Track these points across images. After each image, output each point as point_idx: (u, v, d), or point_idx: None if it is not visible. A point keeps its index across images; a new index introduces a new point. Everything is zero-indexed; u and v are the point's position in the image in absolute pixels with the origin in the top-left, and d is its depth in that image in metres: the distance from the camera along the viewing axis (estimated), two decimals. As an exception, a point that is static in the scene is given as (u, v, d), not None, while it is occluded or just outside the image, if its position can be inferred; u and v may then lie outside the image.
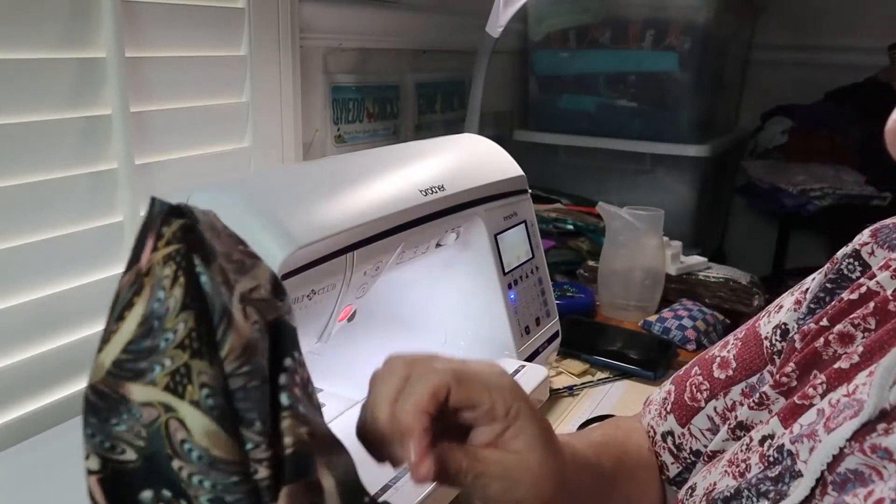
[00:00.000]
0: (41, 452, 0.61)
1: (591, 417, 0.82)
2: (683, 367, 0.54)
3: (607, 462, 0.49)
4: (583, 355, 0.97)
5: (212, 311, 0.23)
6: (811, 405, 0.37)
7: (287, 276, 0.53)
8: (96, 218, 0.73)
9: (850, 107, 1.77)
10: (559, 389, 0.88)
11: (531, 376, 0.77)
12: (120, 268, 0.27)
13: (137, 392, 0.24)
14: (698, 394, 0.50)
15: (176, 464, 0.23)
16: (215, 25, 0.84)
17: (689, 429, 0.50)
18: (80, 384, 0.73)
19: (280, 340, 0.26)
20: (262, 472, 0.24)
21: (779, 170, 1.77)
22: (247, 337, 0.24)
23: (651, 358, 0.95)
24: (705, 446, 0.49)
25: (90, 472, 0.25)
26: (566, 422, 0.82)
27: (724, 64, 1.67)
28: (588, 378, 0.93)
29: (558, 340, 0.90)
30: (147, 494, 0.24)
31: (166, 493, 0.24)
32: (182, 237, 0.25)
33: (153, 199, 0.28)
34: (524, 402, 0.39)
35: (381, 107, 1.22)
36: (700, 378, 0.50)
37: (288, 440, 0.24)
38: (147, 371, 0.24)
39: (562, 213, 1.33)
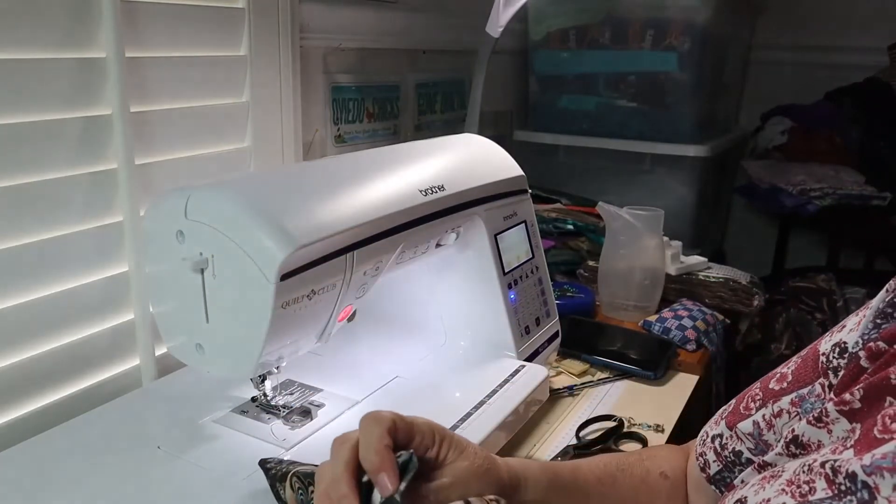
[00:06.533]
0: (41, 452, 0.61)
1: (590, 417, 0.82)
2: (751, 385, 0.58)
3: (586, 478, 0.56)
4: (583, 355, 0.97)
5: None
6: (892, 440, 0.35)
7: (287, 276, 0.53)
8: (96, 218, 0.73)
9: (850, 107, 1.77)
10: (559, 389, 0.88)
11: (531, 376, 0.77)
12: (120, 268, 0.28)
13: None
14: (751, 403, 0.52)
15: None
16: (215, 25, 0.84)
17: (735, 431, 0.53)
18: (80, 384, 0.73)
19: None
20: None
21: (779, 170, 1.77)
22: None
23: (651, 358, 0.95)
24: (749, 448, 0.51)
25: None
26: (566, 422, 0.82)
27: (724, 64, 1.67)
28: (588, 378, 0.93)
29: (558, 340, 0.90)
30: None
31: None
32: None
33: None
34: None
35: (381, 107, 1.22)
36: (757, 390, 0.53)
37: None
38: None
39: (562, 213, 1.33)
